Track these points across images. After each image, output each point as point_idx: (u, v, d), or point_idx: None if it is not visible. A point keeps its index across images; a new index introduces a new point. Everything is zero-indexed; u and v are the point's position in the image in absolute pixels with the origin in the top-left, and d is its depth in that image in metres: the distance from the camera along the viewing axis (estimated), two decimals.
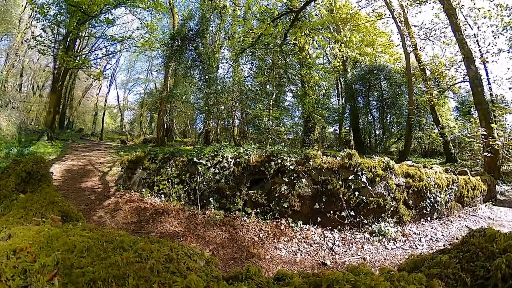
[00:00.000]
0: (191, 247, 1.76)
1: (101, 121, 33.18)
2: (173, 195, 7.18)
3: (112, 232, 1.97)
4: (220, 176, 6.64)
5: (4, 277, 1.37)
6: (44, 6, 17.07)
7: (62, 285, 1.28)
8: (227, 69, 18.12)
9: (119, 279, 1.32)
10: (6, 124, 17.26)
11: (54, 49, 19.24)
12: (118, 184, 8.59)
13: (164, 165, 7.77)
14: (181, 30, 18.02)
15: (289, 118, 15.77)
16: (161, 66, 23.98)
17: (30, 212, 2.63)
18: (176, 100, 20.27)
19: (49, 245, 1.62)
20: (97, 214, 6.56)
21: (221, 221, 5.94)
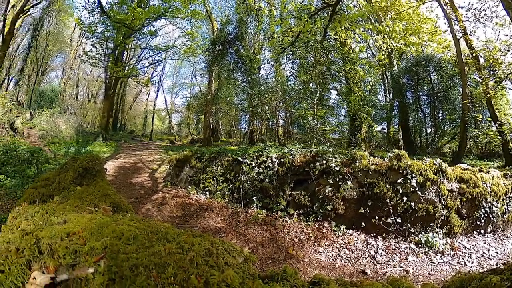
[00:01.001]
0: (231, 244, 1.76)
1: (150, 123, 35.87)
2: (217, 193, 7.38)
3: (158, 224, 2.06)
4: (264, 176, 6.63)
5: (56, 255, 1.52)
6: (91, 25, 19.56)
7: (107, 267, 1.36)
8: (269, 70, 18.24)
9: (160, 267, 1.37)
10: (65, 127, 19.32)
11: (104, 62, 21.56)
12: (166, 181, 9.07)
13: (210, 164, 8.00)
14: (220, 35, 18.58)
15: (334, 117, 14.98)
16: (205, 71, 25.02)
17: (85, 202, 2.87)
18: (221, 102, 20.94)
19: (99, 231, 1.75)
20: (145, 207, 7.03)
21: (262, 220, 5.93)
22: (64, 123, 19.80)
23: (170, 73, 41.16)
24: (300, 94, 12.27)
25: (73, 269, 1.44)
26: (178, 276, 1.32)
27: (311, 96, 11.81)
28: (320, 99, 12.53)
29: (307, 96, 11.90)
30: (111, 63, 20.67)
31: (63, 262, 1.49)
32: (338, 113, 15.92)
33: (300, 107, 12.37)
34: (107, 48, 21.42)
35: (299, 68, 13.72)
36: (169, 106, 39.01)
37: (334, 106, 15.47)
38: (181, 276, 1.32)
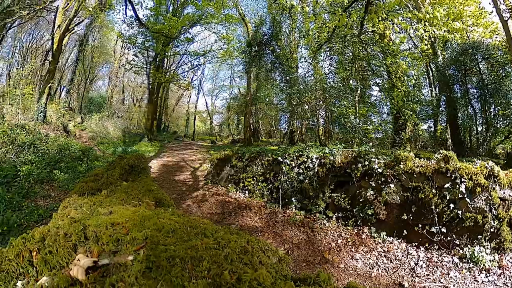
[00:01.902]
0: (267, 243, 1.75)
1: (192, 125, 36.97)
2: (256, 192, 7.40)
3: (197, 219, 2.13)
4: (304, 177, 6.49)
5: (100, 242, 1.64)
6: (131, 37, 21.61)
7: (146, 256, 1.43)
8: (307, 68, 17.75)
9: (195, 260, 1.41)
10: (113, 129, 21.05)
11: (146, 69, 23.17)
12: (207, 179, 9.31)
13: (250, 163, 8.05)
14: (255, 37, 18.70)
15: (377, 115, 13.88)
16: (243, 72, 25.39)
17: (130, 196, 3.04)
18: (260, 102, 21.09)
19: (141, 223, 1.85)
20: (186, 203, 7.25)
21: (300, 222, 5.81)
22: (111, 125, 21.53)
23: (209, 76, 42.48)
24: (340, 92, 11.65)
25: (114, 255, 1.54)
26: (212, 271, 1.34)
27: (352, 93, 11.20)
28: (361, 96, 11.79)
29: (347, 93, 11.28)
30: (153, 70, 22.18)
31: (106, 249, 1.59)
32: (381, 110, 14.72)
33: (340, 106, 11.71)
34: (148, 56, 23.02)
35: (338, 65, 13.14)
36: (209, 108, 40.09)
37: (376, 103, 14.29)
38: (215, 271, 1.34)
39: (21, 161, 8.80)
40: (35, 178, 8.02)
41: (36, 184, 7.88)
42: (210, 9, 20.58)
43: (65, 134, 14.76)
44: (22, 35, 24.24)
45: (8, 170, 7.93)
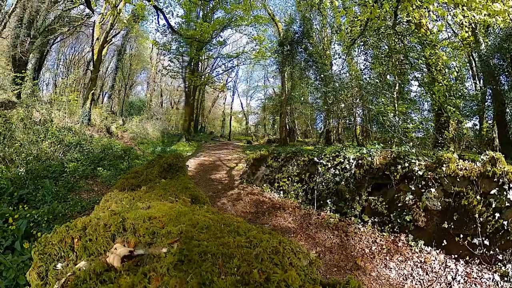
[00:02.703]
0: (299, 245, 1.73)
1: (228, 125, 37.86)
2: (291, 193, 7.30)
3: (231, 217, 2.14)
4: (340, 178, 6.27)
5: (138, 234, 1.73)
6: (166, 44, 22.80)
7: (179, 249, 1.47)
8: (341, 65, 17.25)
9: (226, 257, 1.42)
10: (152, 130, 22.45)
11: (182, 73, 24.51)
12: (242, 178, 9.43)
13: (286, 163, 7.97)
14: (286, 35, 18.57)
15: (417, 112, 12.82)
16: (276, 72, 25.55)
17: (168, 192, 3.16)
18: (295, 102, 20.88)
19: (177, 218, 1.91)
20: (221, 201, 7.38)
21: (334, 225, 5.64)
22: (151, 127, 22.91)
23: (243, 78, 43.08)
24: (377, 88, 10.93)
25: (149, 247, 1.61)
26: (241, 268, 1.35)
27: (390, 89, 10.50)
28: (400, 92, 10.95)
29: (385, 90, 10.57)
30: (188, 74, 23.30)
31: (142, 240, 1.67)
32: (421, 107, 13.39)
33: (378, 103, 11.03)
34: (183, 61, 24.23)
35: (373, 60, 12.38)
36: (245, 109, 40.73)
37: (416, 99, 13.15)
38: (244, 268, 1.35)
39: (68, 159, 9.68)
40: (80, 174, 8.76)
41: (81, 179, 8.58)
42: (239, 12, 21.06)
43: (108, 135, 15.96)
44: (65, 49, 27.37)
45: (56, 167, 8.71)
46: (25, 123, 10.54)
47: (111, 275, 1.43)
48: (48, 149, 9.69)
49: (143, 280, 1.32)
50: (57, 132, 11.16)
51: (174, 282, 1.28)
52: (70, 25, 20.53)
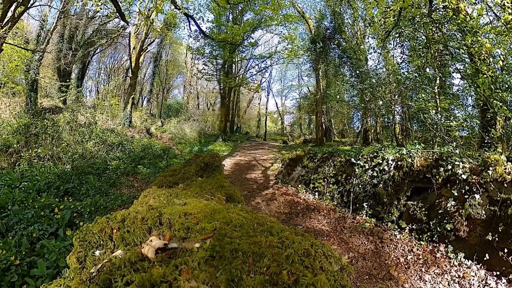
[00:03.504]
0: (331, 249, 1.68)
1: (264, 125, 38.25)
2: (326, 194, 7.11)
3: (265, 217, 2.15)
4: (378, 180, 5.95)
5: (173, 228, 1.81)
6: (199, 49, 23.71)
7: (212, 245, 1.50)
8: (377, 59, 16.36)
9: (257, 256, 1.43)
10: (189, 131, 23.62)
11: (216, 76, 25.37)
12: (277, 178, 9.42)
13: (322, 164, 7.80)
14: (318, 32, 18.16)
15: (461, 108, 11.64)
16: (310, 70, 25.28)
17: (204, 190, 3.23)
18: (331, 100, 20.21)
19: (211, 215, 1.97)
20: (255, 200, 7.43)
21: (369, 230, 5.38)
22: (188, 128, 24.10)
23: (277, 77, 43.42)
24: (417, 83, 10.05)
25: (183, 241, 1.67)
26: (271, 268, 1.34)
27: (430, 83, 9.60)
28: (441, 87, 9.91)
29: (425, 84, 9.68)
30: (223, 76, 23.89)
31: (177, 234, 1.75)
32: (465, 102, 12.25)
33: (418, 99, 10.19)
34: (217, 64, 25.02)
35: (411, 52, 11.45)
36: (280, 108, 40.68)
37: (459, 94, 12.08)
38: (274, 269, 1.33)
39: (111, 157, 10.50)
40: (121, 171, 9.39)
41: (122, 176, 9.17)
42: (268, 12, 21.14)
43: (148, 136, 17.04)
44: (105, 58, 30.25)
45: (100, 164, 9.50)
46: (71, 126, 11.81)
47: (144, 264, 1.49)
48: (92, 148, 10.71)
49: (174, 271, 1.36)
50: (100, 133, 12.25)
51: (204, 276, 1.30)
52: (107, 37, 22.87)
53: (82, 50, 20.41)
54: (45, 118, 11.64)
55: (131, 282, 1.33)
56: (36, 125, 10.32)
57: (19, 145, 9.01)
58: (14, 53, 13.68)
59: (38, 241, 4.31)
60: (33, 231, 4.53)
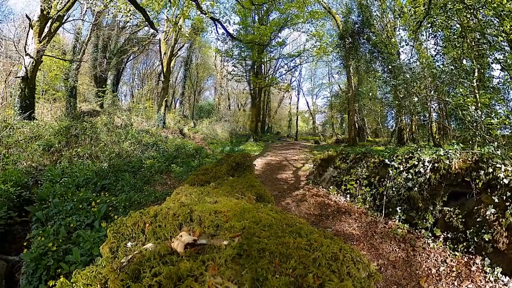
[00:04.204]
0: (360, 254, 1.64)
1: (295, 125, 37.85)
2: (358, 197, 6.87)
3: (294, 218, 2.16)
4: (413, 183, 5.58)
5: (203, 225, 1.88)
6: (228, 51, 24.41)
7: (240, 244, 1.53)
8: (409, 52, 15.30)
9: (283, 257, 1.43)
10: (221, 131, 24.15)
11: (246, 77, 25.85)
12: (308, 179, 9.32)
13: (355, 165, 7.53)
14: (346, 27, 17.51)
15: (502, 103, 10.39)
16: (340, 67, 24.66)
17: (234, 190, 3.31)
18: (363, 98, 19.40)
19: (241, 214, 2.01)
20: (285, 201, 7.39)
21: (401, 237, 5.10)
22: (220, 128, 24.66)
23: (307, 76, 42.90)
24: (453, 76, 9.18)
25: (212, 238, 1.72)
26: (297, 270, 1.34)
27: (468, 76, 8.76)
28: (480, 80, 8.91)
29: (462, 77, 8.88)
30: (252, 77, 24.35)
31: (206, 231, 1.81)
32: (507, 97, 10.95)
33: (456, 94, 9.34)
34: (246, 65, 25.45)
35: (445, 42, 10.41)
36: (311, 108, 40.11)
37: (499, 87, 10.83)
38: (300, 271, 1.33)
39: (145, 156, 11.12)
40: (156, 169, 9.88)
41: (156, 174, 9.64)
42: (293, 10, 21.15)
43: (181, 136, 17.78)
44: (137, 64, 32.40)
45: (135, 163, 10.06)
46: (108, 127, 12.75)
47: (172, 258, 1.55)
48: (128, 148, 11.43)
49: (200, 267, 1.39)
50: (136, 134, 13.09)
51: (229, 273, 1.32)
52: (139, 44, 24.88)
53: (116, 58, 22.49)
54: (84, 120, 12.88)
55: (159, 273, 1.38)
56: (76, 127, 11.28)
57: (60, 145, 9.84)
58: (53, 63, 15.64)
59: (74, 231, 4.70)
60: (71, 222, 4.93)
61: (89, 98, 20.53)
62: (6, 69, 13.89)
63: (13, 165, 7.90)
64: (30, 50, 11.69)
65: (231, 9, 22.13)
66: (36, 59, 11.77)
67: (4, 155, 8.09)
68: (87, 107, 18.76)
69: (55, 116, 14.06)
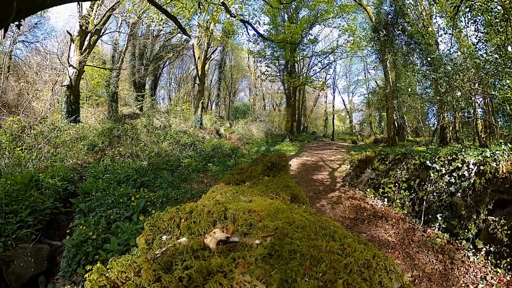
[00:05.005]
0: (394, 263, 1.58)
1: (331, 124, 37.07)
2: (397, 201, 6.47)
3: (328, 221, 2.14)
4: (456, 188, 5.04)
5: (237, 222, 1.95)
6: (260, 51, 24.46)
7: (271, 244, 1.54)
8: (449, 42, 13.43)
9: (314, 260, 1.41)
10: (256, 131, 24.67)
11: (280, 76, 25.94)
12: (344, 181, 9.02)
13: (394, 167, 7.11)
14: (379, 19, 16.44)
15: None
16: (376, 62, 23.62)
17: (269, 189, 3.35)
18: (402, 94, 18.16)
19: (275, 214, 2.03)
20: (320, 202, 7.21)
21: (440, 247, 4.67)
22: (255, 128, 25.17)
23: (342, 73, 41.62)
24: (499, 66, 8.13)
25: (244, 236, 1.76)
26: (326, 275, 1.32)
27: None
28: None
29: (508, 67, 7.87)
30: (286, 76, 24.20)
31: (239, 229, 1.87)
32: None
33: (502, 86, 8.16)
34: (279, 64, 25.46)
35: (486, 28, 9.37)
36: (347, 106, 39.06)
37: None
38: (330, 276, 1.31)
39: (183, 156, 11.67)
40: (193, 168, 10.28)
41: (193, 173, 10.02)
42: (322, 6, 20.52)
43: (218, 137, 18.41)
44: (173, 69, 34.42)
45: (174, 162, 10.60)
46: (147, 129, 13.83)
47: (204, 253, 1.60)
48: (167, 147, 12.18)
49: (231, 264, 1.43)
50: (174, 135, 13.91)
51: (258, 272, 1.33)
52: (173, 50, 26.59)
53: (153, 64, 24.31)
54: (125, 122, 14.14)
55: (190, 267, 1.44)
56: (117, 128, 12.41)
57: (104, 145, 10.82)
58: (94, 72, 17.45)
59: (114, 222, 5.09)
60: (111, 214, 5.35)
61: (129, 102, 22.35)
62: (52, 79, 15.60)
63: (60, 162, 8.81)
64: (73, 62, 13.14)
65: (260, 10, 22.15)
66: (78, 69, 13.24)
67: (53, 154, 9.10)
68: (128, 110, 20.46)
69: (98, 119, 15.54)
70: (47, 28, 27.85)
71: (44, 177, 6.65)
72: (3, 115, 11.15)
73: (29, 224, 4.83)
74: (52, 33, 23.64)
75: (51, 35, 22.59)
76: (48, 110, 13.86)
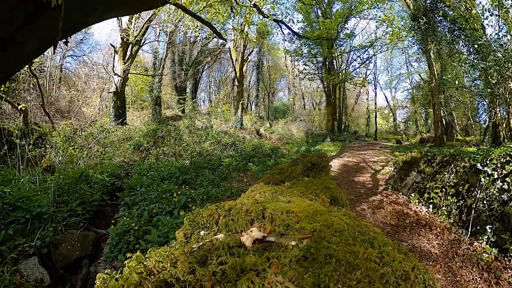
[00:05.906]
0: (434, 278, 1.48)
1: (373, 123, 35.32)
2: (442, 208, 5.89)
3: (368, 226, 2.07)
4: (509, 196, 4.43)
5: (274, 222, 1.97)
6: (297, 50, 24.23)
7: (307, 246, 1.54)
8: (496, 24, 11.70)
9: (349, 267, 1.38)
10: (296, 131, 24.64)
11: (318, 74, 25.42)
12: (387, 184, 8.57)
13: (442, 170, 6.52)
14: (417, 6, 14.99)
15: None
16: (419, 53, 21.35)
17: (308, 190, 3.34)
18: (449, 87, 16.04)
19: (313, 216, 2.02)
20: (361, 206, 6.93)
21: (486, 264, 4.11)
22: (295, 128, 25.16)
23: (383, 68, 39.39)
24: None
25: (280, 237, 1.77)
26: (360, 284, 1.28)
27: None
28: None
29: None
30: (325, 74, 23.57)
31: (276, 229, 1.88)
32: None
33: None
34: (317, 62, 24.96)
35: None
36: (391, 102, 37.17)
37: None
38: (364, 285, 1.27)
39: (224, 155, 12.17)
40: (233, 167, 10.66)
41: (234, 172, 10.37)
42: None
43: (258, 137, 18.91)
44: (212, 73, 35.82)
45: (215, 161, 11.14)
46: (189, 129, 14.70)
47: (240, 251, 1.65)
48: (208, 147, 12.82)
49: (264, 263, 1.45)
50: (215, 135, 14.54)
51: (291, 274, 1.34)
52: (211, 55, 28.00)
53: (192, 69, 25.96)
54: (169, 124, 15.21)
55: (224, 263, 1.49)
56: (161, 130, 13.50)
57: (148, 145, 11.81)
58: (137, 79, 19.30)
59: (155, 216, 5.49)
60: (153, 208, 5.78)
61: (171, 105, 24.04)
62: (100, 87, 17.82)
63: (108, 160, 9.82)
64: (118, 71, 14.86)
65: (292, 8, 22.00)
66: (123, 77, 14.92)
67: (102, 153, 10.20)
68: (171, 113, 22.03)
69: (143, 121, 17.08)
70: (92, 42, 31.17)
71: (94, 173, 7.40)
72: (57, 120, 12.57)
73: (78, 213, 5.36)
74: (97, 46, 26.32)
75: (96, 48, 25.07)
76: (97, 114, 15.55)
